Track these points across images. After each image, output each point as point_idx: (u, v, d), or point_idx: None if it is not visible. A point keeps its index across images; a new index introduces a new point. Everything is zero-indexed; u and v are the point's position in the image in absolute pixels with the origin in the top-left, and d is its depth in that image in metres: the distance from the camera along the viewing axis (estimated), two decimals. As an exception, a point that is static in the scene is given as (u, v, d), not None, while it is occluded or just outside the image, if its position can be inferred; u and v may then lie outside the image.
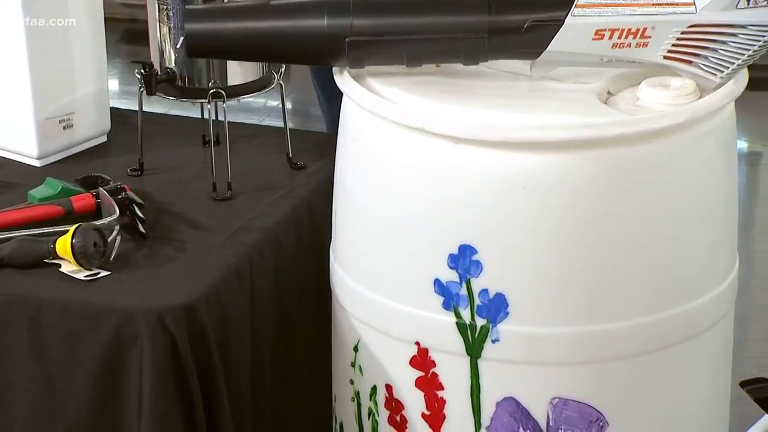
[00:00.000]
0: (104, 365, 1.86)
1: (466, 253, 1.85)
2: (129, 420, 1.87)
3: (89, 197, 2.05)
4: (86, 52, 2.26)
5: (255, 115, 4.22)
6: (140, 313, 1.84)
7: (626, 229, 1.83)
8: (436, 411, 1.93)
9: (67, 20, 2.22)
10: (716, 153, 1.90)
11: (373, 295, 1.95)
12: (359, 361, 2.00)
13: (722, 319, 1.98)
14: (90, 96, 2.28)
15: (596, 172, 1.81)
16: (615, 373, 1.88)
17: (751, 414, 2.38)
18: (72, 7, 2.22)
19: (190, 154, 2.31)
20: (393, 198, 1.89)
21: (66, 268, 1.92)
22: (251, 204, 2.13)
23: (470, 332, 1.88)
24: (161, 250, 1.99)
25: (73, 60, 2.24)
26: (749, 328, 3.36)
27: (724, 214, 1.95)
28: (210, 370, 1.89)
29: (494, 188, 1.82)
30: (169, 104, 2.56)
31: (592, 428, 1.88)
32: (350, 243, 1.99)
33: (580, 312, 1.85)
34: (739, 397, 2.19)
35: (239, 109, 4.61)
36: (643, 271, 1.85)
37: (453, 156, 1.83)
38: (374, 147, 1.91)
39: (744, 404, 2.23)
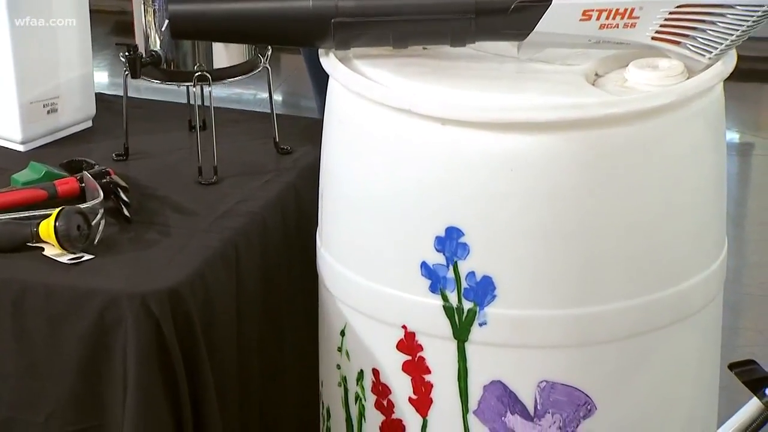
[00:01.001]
0: (88, 349, 1.84)
1: (453, 235, 1.84)
2: (113, 404, 1.85)
3: (73, 181, 2.03)
4: (71, 36, 2.24)
5: (245, 107, 4.21)
6: (124, 297, 1.82)
7: (614, 210, 1.82)
8: (424, 395, 1.92)
9: (51, 4, 2.20)
10: (705, 134, 1.89)
11: (360, 279, 1.93)
12: (346, 346, 1.99)
13: (711, 302, 1.96)
14: (74, 80, 2.25)
15: (584, 154, 1.80)
16: (603, 356, 1.87)
17: (742, 401, 2.37)
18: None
19: (175, 140, 2.29)
20: (379, 180, 1.88)
21: (49, 252, 1.90)
22: (237, 188, 2.11)
23: (457, 315, 1.86)
24: (146, 234, 1.97)
25: (57, 44, 2.22)
26: (740, 317, 3.35)
27: (713, 196, 1.93)
28: (195, 354, 1.87)
29: (481, 170, 1.81)
30: (155, 91, 2.55)
31: (580, 412, 1.87)
32: (337, 227, 1.98)
33: (568, 294, 1.84)
34: (729, 384, 2.19)
35: (229, 101, 4.59)
36: (631, 253, 1.84)
37: (440, 138, 1.81)
38: (361, 129, 1.90)
39: (734, 392, 2.22)
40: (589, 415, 1.87)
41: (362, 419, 1.99)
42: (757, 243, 3.74)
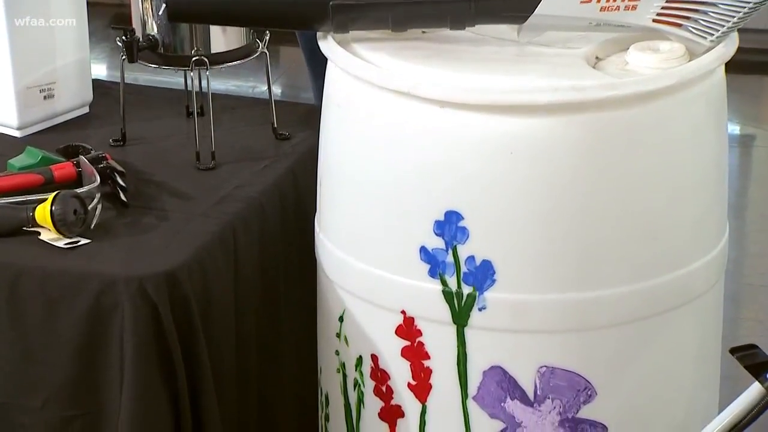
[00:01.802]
0: (84, 334, 1.83)
1: (452, 219, 1.82)
2: (110, 389, 1.84)
3: (70, 166, 2.02)
4: (67, 21, 2.22)
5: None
6: (121, 281, 1.81)
7: (614, 194, 1.80)
8: (423, 380, 1.90)
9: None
10: (706, 117, 1.87)
11: (359, 264, 1.92)
12: (344, 332, 1.97)
13: (712, 288, 1.95)
14: (71, 66, 2.24)
15: (584, 136, 1.78)
16: (603, 341, 1.86)
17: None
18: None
19: (173, 125, 2.27)
20: (378, 164, 1.86)
21: (45, 236, 1.89)
22: (235, 173, 2.10)
23: (456, 300, 1.85)
24: (143, 219, 1.96)
25: (53, 29, 2.20)
26: (742, 308, 3.34)
27: (714, 180, 1.92)
28: (193, 338, 1.86)
29: (481, 153, 1.79)
30: (153, 79, 2.54)
31: (580, 397, 1.86)
32: (335, 211, 1.96)
33: (567, 279, 1.82)
34: (730, 375, 2.17)
35: (226, 92, 4.57)
36: (632, 237, 1.83)
37: (439, 121, 1.80)
38: (359, 112, 1.88)
39: (735, 382, 2.20)
40: (590, 400, 1.86)
41: (361, 405, 1.98)
42: (758, 234, 3.72)
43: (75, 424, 1.85)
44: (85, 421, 1.85)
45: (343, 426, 2.01)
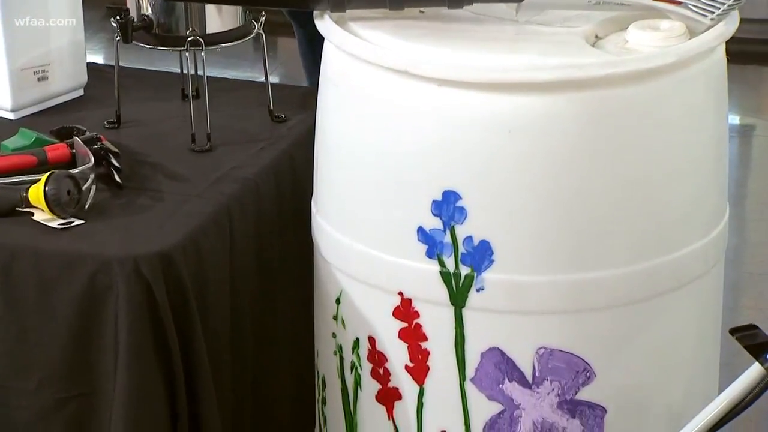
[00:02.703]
0: (79, 314, 1.81)
1: (450, 199, 1.80)
2: (105, 370, 1.82)
3: (64, 147, 2.00)
4: (61, 2, 2.20)
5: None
6: (115, 261, 1.79)
7: (613, 173, 1.79)
8: (420, 363, 1.88)
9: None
10: (706, 96, 1.86)
11: (356, 245, 1.90)
12: (341, 314, 1.96)
13: (712, 270, 1.93)
14: (65, 48, 2.22)
15: (583, 115, 1.76)
16: (602, 322, 1.84)
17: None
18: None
19: (168, 108, 2.25)
20: (375, 144, 1.84)
21: (39, 217, 1.87)
22: (231, 155, 2.08)
23: (454, 281, 1.83)
24: (138, 200, 1.94)
25: (47, 10, 2.18)
26: (741, 296, 3.33)
27: (714, 161, 1.90)
28: (187, 320, 1.84)
29: (479, 132, 1.77)
30: (148, 62, 2.53)
31: (578, 378, 1.84)
32: (332, 192, 1.94)
33: (566, 259, 1.80)
34: (729, 362, 2.16)
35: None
36: (630, 217, 1.81)
37: (437, 99, 1.78)
38: (356, 92, 1.86)
39: (735, 369, 2.19)
40: (588, 382, 1.84)
41: (358, 388, 1.96)
42: (758, 222, 3.71)
43: (70, 406, 1.84)
44: (80, 403, 1.84)
45: (340, 409, 2.00)
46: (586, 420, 1.85)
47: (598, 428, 1.85)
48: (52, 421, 1.84)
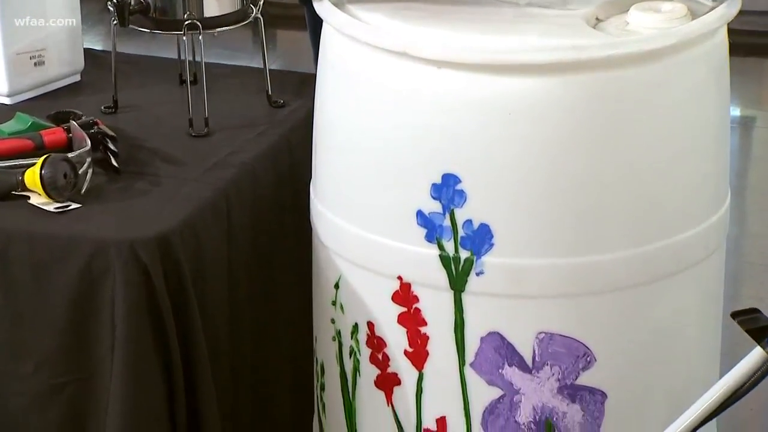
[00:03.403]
0: (75, 298, 1.79)
1: (449, 182, 1.79)
2: (102, 354, 1.81)
3: (60, 131, 1.99)
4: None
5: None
6: (112, 244, 1.77)
7: (613, 155, 1.77)
8: (419, 347, 1.87)
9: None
10: (707, 79, 1.84)
11: (355, 229, 1.89)
12: (340, 299, 1.94)
13: (713, 254, 1.92)
14: (62, 32, 2.21)
15: (583, 97, 1.75)
16: (603, 306, 1.82)
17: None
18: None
19: (166, 94, 2.24)
20: (374, 127, 1.83)
21: (35, 201, 1.85)
22: (229, 140, 2.06)
23: (454, 265, 1.82)
24: (135, 184, 1.92)
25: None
26: (742, 286, 3.32)
27: (715, 144, 1.89)
28: (185, 303, 1.82)
29: (478, 114, 1.76)
30: (145, 51, 2.51)
31: (579, 363, 1.82)
32: (331, 176, 1.93)
33: (567, 242, 1.79)
34: (730, 351, 2.14)
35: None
36: (631, 200, 1.79)
37: (436, 81, 1.76)
38: (355, 75, 1.85)
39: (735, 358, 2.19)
40: (589, 366, 1.83)
41: (357, 374, 1.94)
42: (759, 213, 3.70)
43: (67, 390, 1.82)
44: (77, 388, 1.82)
45: (338, 395, 1.98)
46: (587, 405, 1.84)
47: (598, 413, 1.84)
48: (49, 405, 1.83)
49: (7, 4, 2.12)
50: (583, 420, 1.84)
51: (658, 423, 1.75)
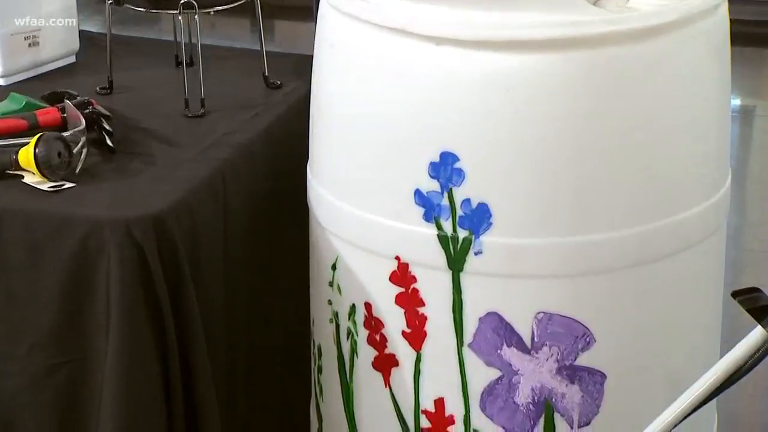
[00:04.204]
0: (69, 278, 1.78)
1: (447, 160, 1.77)
2: (97, 335, 1.79)
3: (54, 111, 1.97)
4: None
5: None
6: (107, 224, 1.75)
7: (613, 133, 1.75)
8: (417, 328, 1.85)
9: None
10: (708, 56, 1.82)
11: (352, 209, 1.87)
12: (337, 280, 1.93)
13: (713, 234, 1.90)
14: (57, 13, 2.19)
15: (583, 74, 1.73)
16: (602, 286, 1.80)
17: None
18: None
19: (162, 76, 2.22)
20: (371, 104, 1.81)
21: (29, 180, 1.84)
22: (225, 121, 2.05)
23: (452, 244, 1.80)
24: (130, 164, 1.91)
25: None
26: (742, 274, 3.31)
27: (715, 122, 1.87)
28: (180, 283, 1.80)
29: (477, 91, 1.74)
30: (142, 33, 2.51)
31: (578, 344, 1.81)
32: (328, 156, 1.91)
33: (566, 221, 1.77)
34: (730, 338, 2.13)
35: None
36: (630, 178, 1.77)
37: (434, 58, 1.74)
38: (352, 52, 1.83)
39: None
40: (588, 347, 1.81)
41: (354, 355, 1.93)
42: (758, 201, 3.70)
43: (61, 372, 1.80)
44: (72, 368, 1.81)
45: (336, 377, 1.96)
46: (586, 386, 1.82)
47: (597, 394, 1.82)
48: (44, 387, 1.81)
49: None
50: (582, 401, 1.82)
51: (657, 404, 1.73)
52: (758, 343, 1.72)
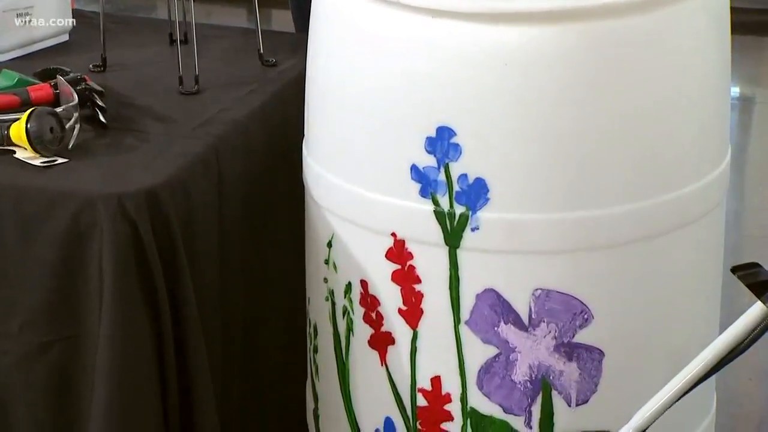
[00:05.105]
0: (62, 254, 1.76)
1: (444, 135, 1.75)
2: (89, 312, 1.77)
3: (47, 87, 1.95)
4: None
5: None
6: (99, 198, 1.74)
7: (612, 107, 1.73)
8: (414, 306, 1.83)
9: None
10: (708, 30, 1.80)
11: (348, 186, 1.85)
12: (333, 258, 1.91)
13: (713, 210, 1.88)
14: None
15: (581, 47, 1.71)
16: (601, 262, 1.78)
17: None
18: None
19: (156, 54, 2.21)
20: (367, 79, 1.79)
21: (21, 155, 1.82)
22: (220, 98, 2.03)
23: (449, 220, 1.78)
24: (123, 140, 1.89)
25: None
26: (741, 259, 3.28)
27: (715, 97, 1.85)
28: (174, 261, 1.79)
29: (474, 64, 1.72)
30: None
31: (576, 321, 1.79)
32: (323, 132, 1.89)
33: (564, 196, 1.75)
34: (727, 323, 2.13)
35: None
36: (630, 153, 1.75)
37: (431, 31, 1.72)
38: (348, 25, 1.80)
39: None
40: (586, 324, 1.79)
41: (350, 333, 1.91)
42: (758, 187, 3.70)
43: (54, 350, 1.79)
44: (65, 347, 1.79)
45: (332, 356, 1.94)
46: (584, 363, 1.80)
47: (595, 371, 1.81)
48: (36, 365, 1.79)
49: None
50: (580, 379, 1.81)
51: (656, 381, 1.71)
52: (758, 319, 1.71)
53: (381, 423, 1.90)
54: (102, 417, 1.73)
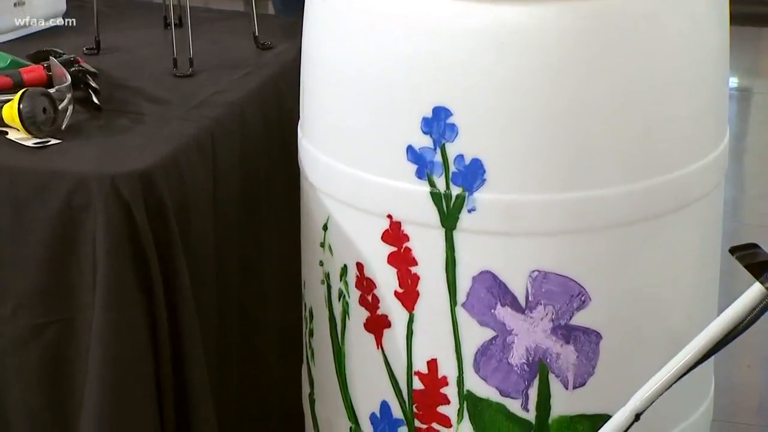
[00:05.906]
0: (55, 236, 1.74)
1: (440, 115, 1.74)
2: (83, 294, 1.76)
3: (40, 69, 1.93)
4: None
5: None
6: (92, 179, 1.72)
7: (609, 87, 1.72)
8: (410, 288, 1.82)
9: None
10: (707, 9, 1.79)
11: (343, 167, 1.83)
12: (329, 241, 1.89)
13: (711, 192, 1.87)
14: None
15: (579, 27, 1.69)
16: (598, 244, 1.77)
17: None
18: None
19: (150, 37, 2.20)
20: (362, 58, 1.77)
21: (14, 136, 1.80)
22: (214, 81, 2.02)
23: (445, 202, 1.77)
24: (117, 122, 1.87)
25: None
26: (740, 247, 3.29)
27: (714, 77, 1.83)
28: (169, 241, 1.77)
29: (471, 44, 1.70)
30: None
31: (573, 303, 1.77)
32: (319, 112, 1.88)
33: (560, 177, 1.74)
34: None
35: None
36: (627, 134, 1.74)
37: (426, 10, 1.71)
38: (343, 6, 1.79)
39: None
40: (583, 306, 1.78)
41: (346, 317, 1.89)
42: (756, 176, 3.70)
43: (47, 332, 1.77)
44: (58, 329, 1.77)
45: (327, 340, 1.93)
46: (581, 346, 1.79)
47: (593, 354, 1.79)
48: (29, 347, 1.78)
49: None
50: (577, 361, 1.79)
51: (653, 364, 1.70)
52: (757, 300, 1.69)
53: (377, 406, 1.89)
54: (96, 398, 1.71)
